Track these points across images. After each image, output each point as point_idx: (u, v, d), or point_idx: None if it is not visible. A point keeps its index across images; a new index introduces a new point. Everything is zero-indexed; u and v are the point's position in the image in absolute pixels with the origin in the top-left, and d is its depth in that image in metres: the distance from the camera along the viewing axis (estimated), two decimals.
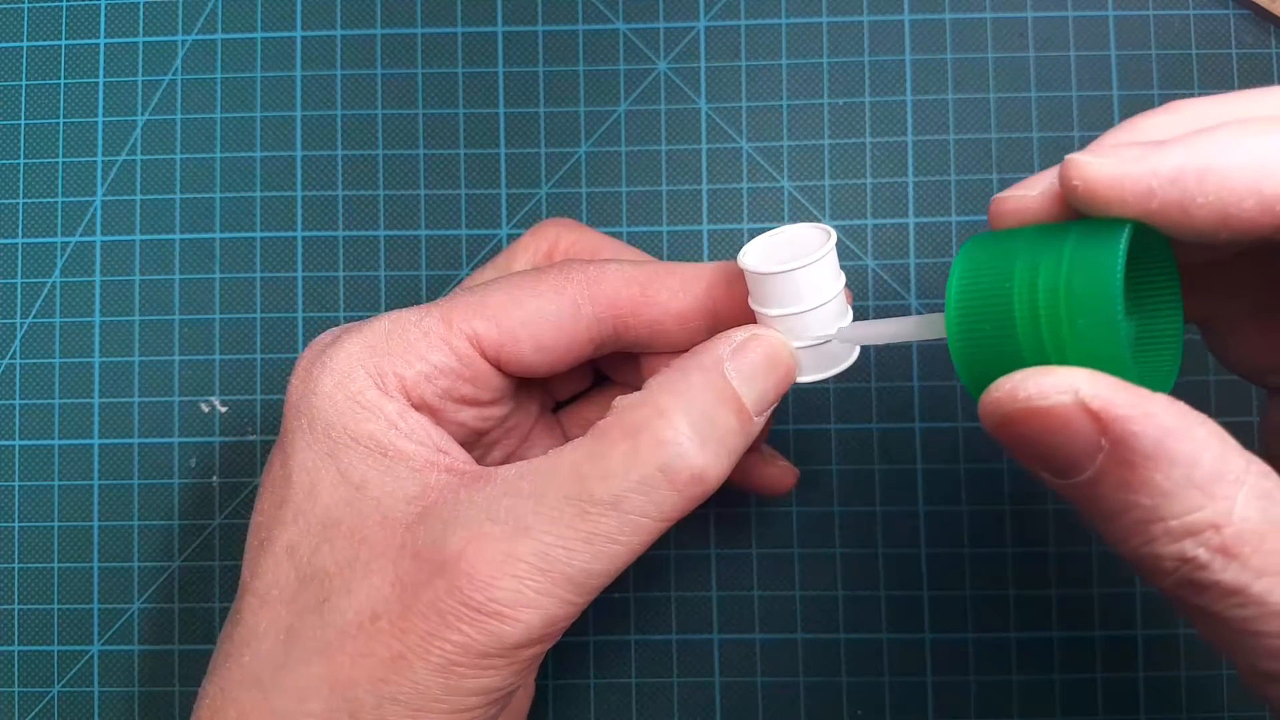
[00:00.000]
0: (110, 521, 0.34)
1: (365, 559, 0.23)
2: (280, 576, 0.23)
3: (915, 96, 0.34)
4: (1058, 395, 0.18)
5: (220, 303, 0.34)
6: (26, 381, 0.34)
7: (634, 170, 0.34)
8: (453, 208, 0.34)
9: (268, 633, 0.23)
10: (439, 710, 0.22)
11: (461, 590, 0.21)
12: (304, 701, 0.22)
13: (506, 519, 0.22)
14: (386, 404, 0.24)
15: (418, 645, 0.22)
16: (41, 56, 0.35)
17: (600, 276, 0.25)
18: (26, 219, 0.34)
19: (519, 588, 0.21)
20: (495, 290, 0.25)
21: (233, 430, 0.34)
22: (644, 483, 0.22)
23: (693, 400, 0.23)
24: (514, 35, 0.34)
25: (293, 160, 0.34)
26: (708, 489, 0.23)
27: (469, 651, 0.21)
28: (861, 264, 0.33)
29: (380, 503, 0.23)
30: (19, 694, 0.33)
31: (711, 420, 0.22)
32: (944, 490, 0.33)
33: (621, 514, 0.22)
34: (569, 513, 0.22)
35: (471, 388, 0.25)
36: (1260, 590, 0.18)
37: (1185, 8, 0.33)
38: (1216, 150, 0.18)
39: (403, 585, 0.22)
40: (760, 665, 0.33)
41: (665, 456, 0.22)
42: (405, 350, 0.24)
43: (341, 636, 0.22)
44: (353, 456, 0.23)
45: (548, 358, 0.25)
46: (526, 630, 0.22)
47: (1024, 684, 0.32)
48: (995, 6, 0.34)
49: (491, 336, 0.25)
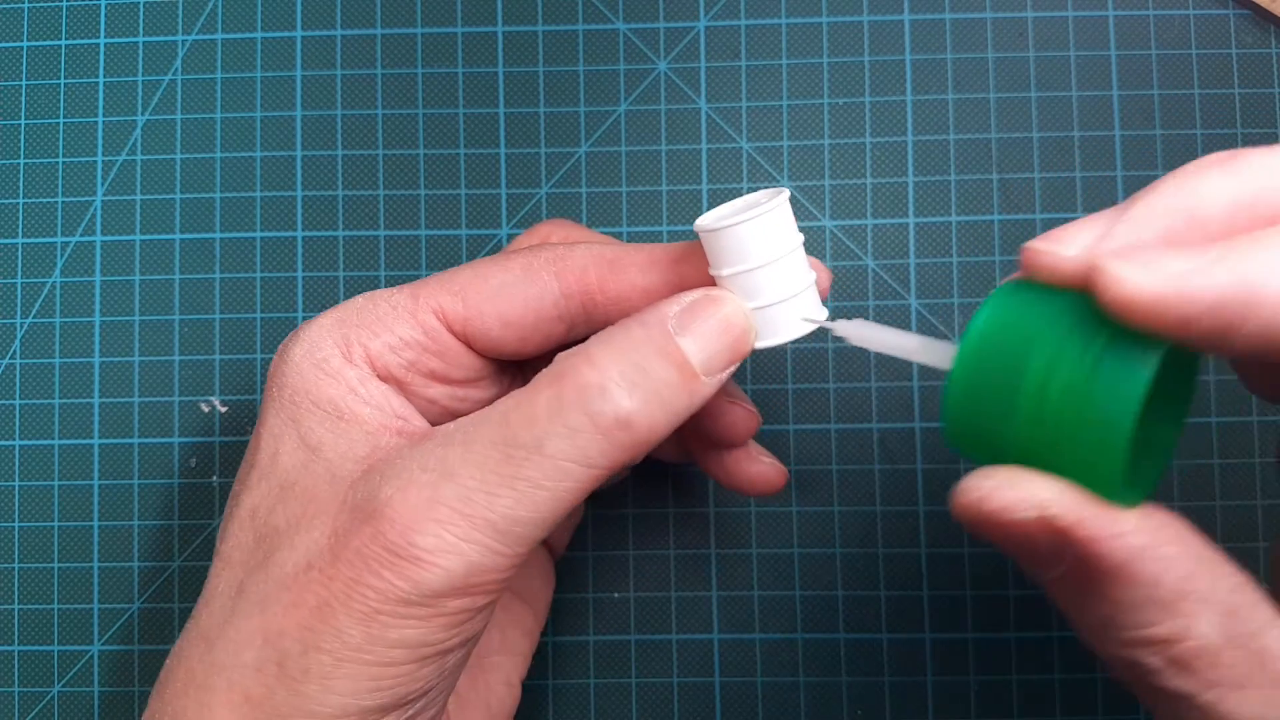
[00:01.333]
0: (110, 521, 0.34)
1: (311, 515, 0.23)
2: (242, 539, 0.24)
3: (915, 96, 0.34)
4: (1024, 511, 0.19)
5: (220, 303, 0.34)
6: (26, 381, 0.34)
7: (634, 170, 0.34)
8: (453, 208, 0.34)
9: (224, 592, 0.23)
10: (362, 661, 0.21)
11: (384, 535, 0.21)
12: (239, 653, 0.22)
13: (436, 466, 0.22)
14: (348, 371, 0.25)
15: (342, 592, 0.21)
16: (42, 56, 0.35)
17: (568, 254, 0.26)
18: (27, 219, 0.34)
19: (440, 532, 0.21)
20: (464, 269, 0.26)
21: (233, 430, 0.34)
22: (567, 426, 0.22)
23: (627, 350, 0.22)
24: (514, 35, 0.34)
25: (293, 160, 0.34)
26: (637, 438, 0.22)
27: (390, 598, 0.21)
28: (861, 264, 0.33)
29: (332, 463, 0.24)
30: (19, 694, 0.33)
31: (644, 370, 0.22)
32: (944, 490, 0.33)
33: (544, 457, 0.21)
34: (494, 457, 0.22)
35: (439, 362, 0.26)
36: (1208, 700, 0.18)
37: (1185, 8, 0.33)
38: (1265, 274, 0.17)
39: (336, 536, 0.22)
40: (760, 665, 0.33)
41: (588, 399, 0.22)
42: (373, 323, 0.25)
43: (279, 589, 0.22)
44: (312, 420, 0.24)
45: (514, 333, 0.25)
46: (447, 577, 0.21)
47: (1024, 684, 0.32)
48: (995, 6, 0.34)
49: (457, 311, 0.25)
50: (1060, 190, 0.33)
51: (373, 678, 0.21)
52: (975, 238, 0.33)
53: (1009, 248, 0.33)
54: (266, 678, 0.22)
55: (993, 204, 0.33)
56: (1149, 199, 0.19)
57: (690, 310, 0.23)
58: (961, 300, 0.33)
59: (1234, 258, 0.17)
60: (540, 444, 0.21)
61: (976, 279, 0.33)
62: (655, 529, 0.33)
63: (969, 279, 0.33)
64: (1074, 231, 0.19)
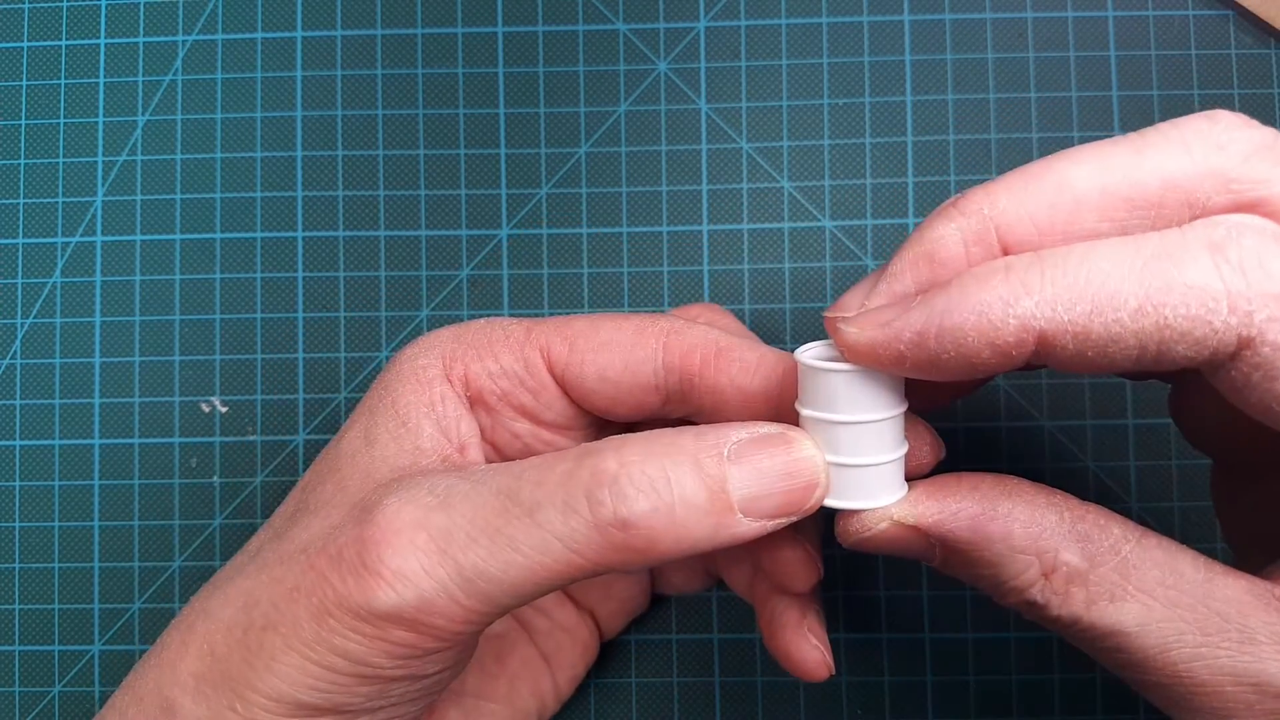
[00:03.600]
0: (110, 521, 0.34)
1: (334, 503, 0.23)
2: (286, 508, 0.25)
3: (915, 97, 0.34)
4: (878, 526, 0.22)
5: (220, 303, 0.34)
6: (27, 382, 0.34)
7: (634, 170, 0.34)
8: (453, 208, 0.34)
9: (249, 551, 0.24)
10: (305, 656, 0.21)
11: (364, 542, 0.21)
12: (224, 608, 0.23)
13: (442, 494, 0.22)
14: (438, 385, 0.25)
15: (310, 583, 0.22)
16: (42, 57, 0.35)
17: (683, 330, 0.25)
18: (27, 219, 0.34)
19: (409, 557, 0.21)
20: (583, 317, 0.26)
21: (233, 430, 0.34)
22: (566, 502, 0.21)
23: (663, 454, 0.21)
24: (514, 35, 0.34)
25: (293, 160, 0.34)
26: (634, 546, 0.21)
27: (342, 604, 0.21)
28: (861, 264, 0.33)
29: (374, 462, 0.24)
30: (19, 694, 0.33)
31: (669, 480, 0.21)
32: None
33: (533, 522, 0.21)
34: (492, 504, 0.21)
35: (532, 399, 0.26)
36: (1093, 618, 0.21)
37: (1185, 8, 0.33)
38: (949, 308, 0.19)
39: (334, 529, 0.22)
40: (760, 665, 0.33)
41: (596, 484, 0.21)
42: (483, 346, 0.25)
43: (276, 561, 0.23)
44: (381, 418, 0.25)
45: (608, 389, 0.25)
46: (397, 602, 0.21)
47: (1023, 684, 0.32)
48: (995, 7, 0.34)
49: (561, 353, 0.25)
50: None
51: (312, 676, 0.21)
52: None
53: None
54: (232, 639, 0.22)
55: None
56: (899, 253, 0.21)
57: (758, 441, 0.21)
58: None
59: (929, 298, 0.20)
60: (535, 509, 0.21)
61: None
62: None
63: None
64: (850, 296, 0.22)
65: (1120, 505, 0.32)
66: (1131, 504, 0.32)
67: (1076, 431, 0.33)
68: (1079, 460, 0.33)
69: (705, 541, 0.21)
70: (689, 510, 0.21)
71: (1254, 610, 0.20)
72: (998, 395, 0.33)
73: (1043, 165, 0.20)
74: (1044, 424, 0.33)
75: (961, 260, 0.20)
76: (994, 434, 0.33)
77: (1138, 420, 0.33)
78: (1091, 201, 0.20)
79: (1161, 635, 0.20)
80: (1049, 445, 0.33)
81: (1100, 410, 0.33)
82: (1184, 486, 0.32)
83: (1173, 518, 0.32)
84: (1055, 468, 0.33)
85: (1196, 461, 0.32)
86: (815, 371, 0.22)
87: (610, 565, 0.21)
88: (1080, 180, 0.20)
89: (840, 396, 0.21)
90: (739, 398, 0.24)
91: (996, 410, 0.33)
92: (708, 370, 0.24)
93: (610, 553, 0.21)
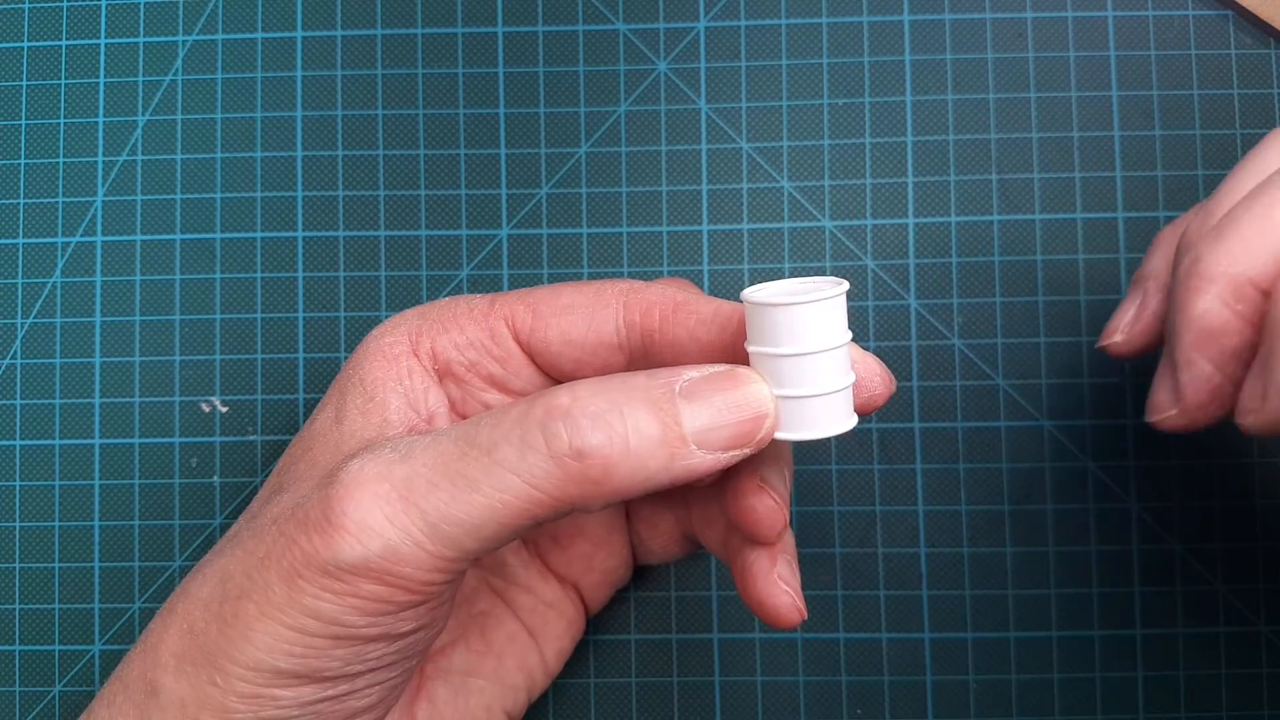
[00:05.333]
0: (111, 521, 0.34)
1: (305, 478, 0.24)
2: (265, 492, 0.26)
3: (915, 97, 0.34)
4: None
5: (220, 303, 0.34)
6: (27, 381, 0.34)
7: (634, 170, 0.34)
8: (453, 208, 0.34)
9: (227, 537, 0.25)
10: (280, 622, 0.21)
11: (328, 500, 0.21)
12: (202, 586, 0.23)
13: (404, 449, 0.22)
14: (404, 360, 0.26)
15: (280, 548, 0.22)
16: (42, 57, 0.35)
17: (641, 289, 0.26)
18: (27, 219, 0.34)
19: (372, 508, 0.21)
20: (543, 286, 0.27)
21: (233, 430, 0.34)
22: (523, 439, 0.21)
23: (616, 392, 0.22)
24: (514, 35, 0.34)
25: (293, 160, 0.34)
26: (590, 477, 0.21)
27: (311, 563, 0.21)
28: (861, 264, 0.33)
29: (343, 437, 0.25)
30: (20, 694, 0.33)
31: (622, 414, 0.21)
32: (944, 490, 0.33)
33: (491, 461, 0.21)
34: (451, 451, 0.22)
35: (500, 368, 0.26)
36: None
37: (1185, 8, 0.33)
38: None
39: (303, 498, 0.23)
40: (760, 665, 0.33)
41: (550, 418, 0.21)
42: (448, 320, 0.26)
43: (247, 536, 0.23)
44: (351, 395, 0.25)
45: (573, 351, 0.26)
46: (363, 555, 0.21)
47: (1023, 684, 0.32)
48: (995, 7, 0.34)
49: (525, 320, 0.26)
50: (1060, 191, 0.33)
51: (287, 641, 0.22)
52: (975, 238, 0.33)
53: (1008, 248, 0.33)
54: (209, 614, 0.22)
55: (992, 204, 0.33)
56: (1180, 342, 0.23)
57: (708, 379, 0.22)
58: (961, 300, 0.33)
59: None
60: (493, 448, 0.21)
61: (976, 279, 0.33)
62: None
63: (968, 279, 0.33)
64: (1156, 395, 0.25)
65: (1120, 505, 0.32)
66: (1131, 504, 0.32)
67: (1076, 431, 0.33)
68: (1079, 460, 0.33)
69: (661, 472, 0.22)
70: (642, 440, 0.21)
71: None
72: (998, 395, 0.33)
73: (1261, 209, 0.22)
74: (1044, 424, 0.33)
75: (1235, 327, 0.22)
76: (994, 434, 0.33)
77: (1138, 420, 0.33)
78: None
79: None
80: (1049, 445, 0.33)
81: (1100, 410, 0.33)
82: (1184, 486, 0.33)
83: (1172, 517, 0.32)
84: (1055, 468, 0.33)
85: (1196, 462, 0.32)
86: (758, 308, 0.22)
87: (570, 499, 0.21)
88: None
89: (782, 331, 0.22)
90: (698, 349, 0.25)
91: (996, 410, 0.33)
92: (666, 325, 0.25)
93: (568, 485, 0.21)
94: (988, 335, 0.33)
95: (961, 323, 0.33)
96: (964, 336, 0.33)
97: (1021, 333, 0.33)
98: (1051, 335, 0.33)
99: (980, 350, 0.33)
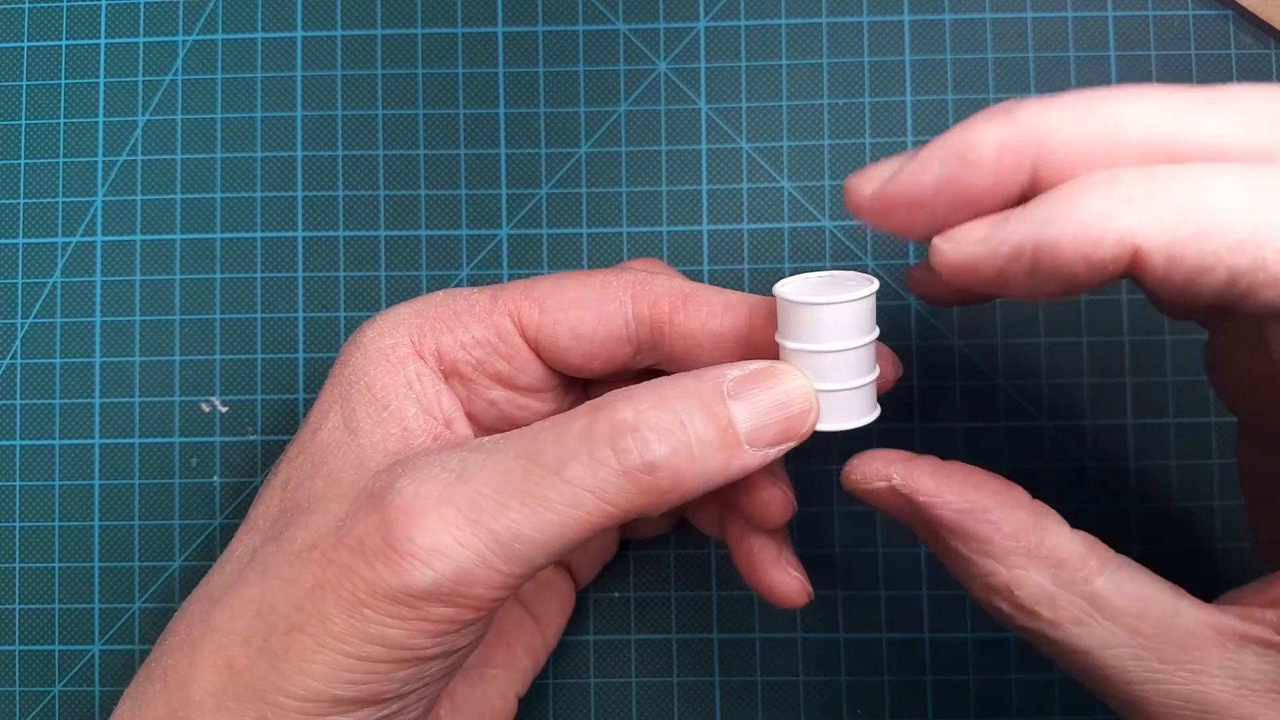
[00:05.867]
0: (111, 521, 0.34)
1: (331, 496, 0.23)
2: (269, 508, 0.25)
3: (915, 97, 0.34)
4: (876, 484, 0.23)
5: (220, 303, 0.34)
6: (27, 382, 0.34)
7: (634, 170, 0.34)
8: (453, 208, 0.34)
9: (239, 557, 0.24)
10: (341, 651, 0.21)
11: (389, 526, 0.21)
12: (233, 619, 0.22)
13: (456, 467, 0.22)
14: (410, 363, 0.25)
15: (334, 578, 0.21)
16: (42, 57, 0.35)
17: (647, 280, 0.26)
18: (27, 219, 0.34)
19: (440, 533, 0.21)
20: (545, 279, 0.26)
21: (233, 430, 0.34)
22: (592, 455, 0.21)
23: (671, 399, 0.22)
24: (514, 35, 0.34)
25: (293, 160, 0.34)
26: (660, 488, 0.22)
27: (376, 592, 0.21)
28: (861, 264, 0.33)
29: (363, 450, 0.24)
30: (20, 693, 0.33)
31: (682, 422, 0.22)
32: None
33: (562, 480, 0.21)
34: (514, 469, 0.21)
35: (507, 365, 0.26)
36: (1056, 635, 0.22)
37: (1185, 8, 0.33)
38: (1048, 221, 0.19)
39: (345, 520, 0.22)
40: (760, 665, 0.33)
41: (618, 434, 0.21)
42: (450, 318, 0.25)
43: (283, 563, 0.22)
44: (359, 404, 0.24)
45: (582, 346, 0.25)
46: (436, 580, 0.21)
47: (1023, 684, 0.32)
48: (995, 7, 0.34)
49: (532, 317, 0.25)
50: None
51: (349, 669, 0.21)
52: None
53: None
54: (251, 649, 0.22)
55: None
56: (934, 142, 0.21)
57: (751, 377, 0.23)
58: None
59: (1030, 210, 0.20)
60: (561, 466, 0.21)
61: None
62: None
63: None
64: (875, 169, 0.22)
65: (1120, 505, 0.32)
66: (1131, 504, 0.32)
67: (1076, 431, 0.33)
68: (1079, 460, 0.33)
69: (719, 475, 0.22)
70: (704, 448, 0.22)
71: (1212, 645, 0.21)
72: (997, 394, 0.33)
73: (1102, 96, 0.20)
74: (1044, 424, 0.33)
75: (991, 167, 0.20)
76: (994, 434, 0.33)
77: (1137, 420, 0.33)
78: (1136, 145, 0.20)
79: (1119, 659, 0.22)
80: (1049, 445, 0.33)
81: (1100, 410, 0.33)
82: (1184, 486, 0.33)
83: (1171, 518, 0.32)
84: (1055, 468, 0.33)
85: (1196, 462, 0.32)
86: (799, 307, 0.23)
87: (638, 509, 0.22)
88: (1133, 122, 0.20)
89: (827, 327, 0.23)
90: (711, 340, 0.25)
91: (996, 410, 0.33)
92: (678, 318, 0.25)
93: (638, 497, 0.21)
94: (988, 335, 0.33)
95: (961, 322, 0.33)
96: (964, 337, 0.33)
97: (1021, 333, 0.33)
98: (1051, 335, 0.33)
99: (980, 350, 0.33)
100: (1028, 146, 0.20)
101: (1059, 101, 0.20)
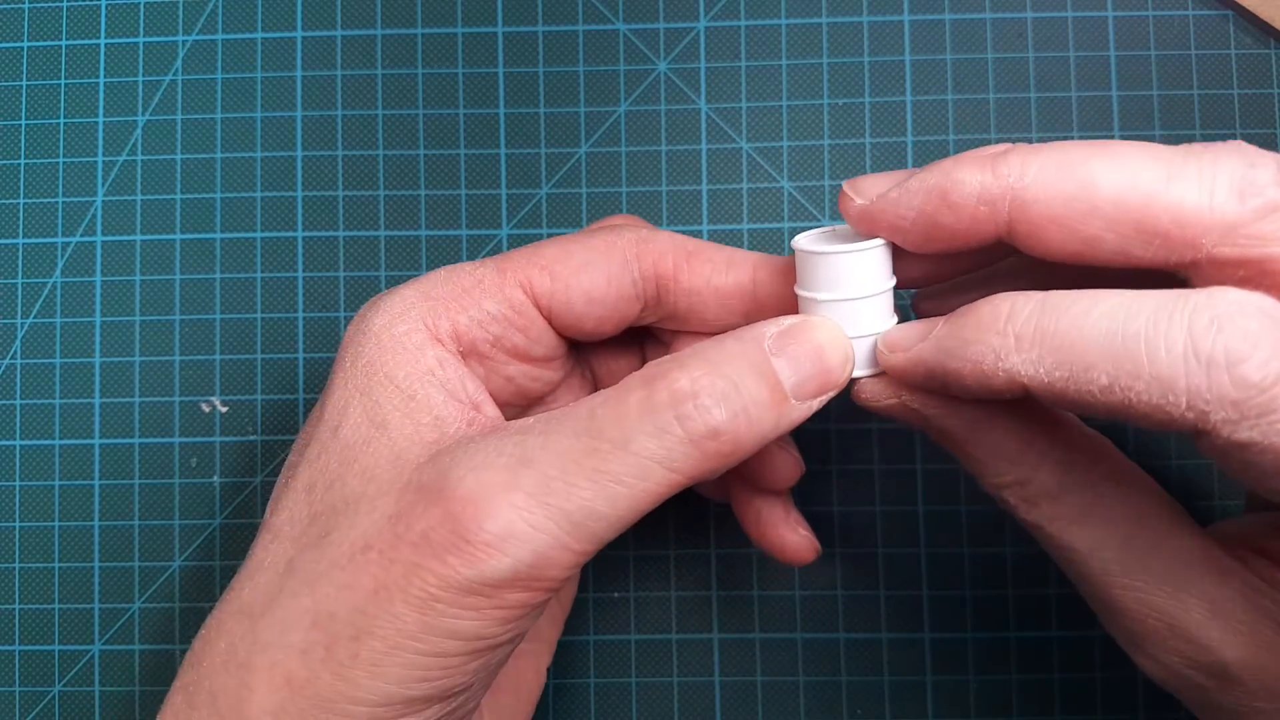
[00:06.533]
0: (111, 521, 0.34)
1: (371, 495, 0.22)
2: (296, 513, 0.23)
3: (915, 97, 0.34)
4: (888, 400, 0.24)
5: (220, 303, 0.34)
6: (27, 382, 0.34)
7: (634, 170, 0.34)
8: (453, 208, 0.34)
9: (271, 566, 0.23)
10: (415, 650, 0.21)
11: (456, 518, 0.21)
12: (285, 633, 0.21)
13: (514, 452, 0.21)
14: (429, 349, 0.24)
15: (400, 577, 0.21)
16: (42, 57, 0.35)
17: (650, 237, 0.26)
18: (27, 219, 0.34)
19: (513, 518, 0.21)
20: (548, 244, 0.26)
21: (233, 430, 0.34)
22: (657, 426, 0.21)
23: (721, 363, 0.22)
24: (514, 35, 0.34)
25: (293, 160, 0.34)
26: (723, 452, 0.22)
27: (450, 585, 0.21)
28: None
29: (396, 443, 0.23)
30: (20, 693, 0.33)
31: (736, 385, 0.22)
32: (944, 490, 0.33)
33: (629, 454, 0.21)
34: (577, 448, 0.21)
35: (523, 338, 0.25)
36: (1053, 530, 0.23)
37: (1185, 8, 0.33)
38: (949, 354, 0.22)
39: (399, 517, 0.21)
40: (760, 665, 0.33)
41: (680, 403, 0.21)
42: (460, 296, 0.25)
43: (332, 569, 0.22)
44: (382, 396, 0.23)
45: (597, 309, 0.25)
46: (514, 566, 0.21)
47: (1023, 684, 0.32)
48: (995, 7, 0.34)
49: (544, 285, 0.25)
50: None
51: (423, 668, 0.21)
52: None
53: None
54: (312, 661, 0.21)
55: None
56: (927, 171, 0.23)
57: (789, 333, 0.23)
58: None
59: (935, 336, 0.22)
60: (627, 440, 0.21)
61: None
62: (655, 529, 0.33)
63: None
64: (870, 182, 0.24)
65: None
66: None
67: None
68: None
69: (772, 432, 0.23)
70: (759, 408, 0.22)
71: (1198, 572, 0.23)
72: None
73: (1081, 155, 0.21)
74: None
75: (969, 213, 0.22)
76: None
77: None
78: (1106, 212, 0.21)
79: (1105, 563, 0.23)
80: None
81: None
82: (1184, 486, 0.32)
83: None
84: None
85: (1196, 462, 0.32)
86: (824, 257, 0.24)
87: (702, 474, 0.22)
88: (1105, 188, 0.21)
89: (855, 276, 0.24)
90: (715, 296, 0.26)
91: None
92: (682, 274, 0.25)
93: (704, 462, 0.22)
94: None
95: None
96: None
97: None
98: None
99: None
100: (1004, 203, 0.22)
101: (1041, 157, 0.22)
